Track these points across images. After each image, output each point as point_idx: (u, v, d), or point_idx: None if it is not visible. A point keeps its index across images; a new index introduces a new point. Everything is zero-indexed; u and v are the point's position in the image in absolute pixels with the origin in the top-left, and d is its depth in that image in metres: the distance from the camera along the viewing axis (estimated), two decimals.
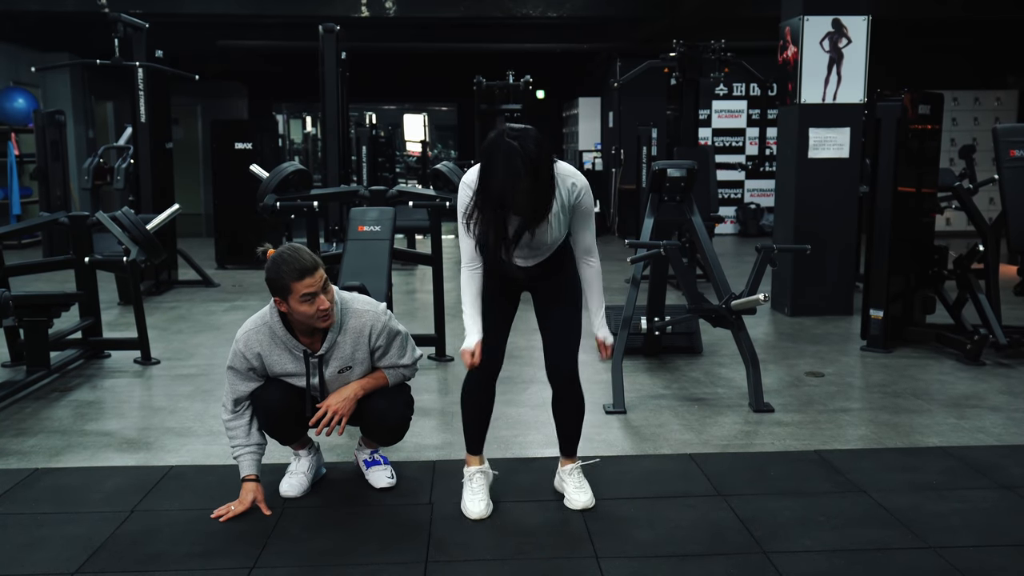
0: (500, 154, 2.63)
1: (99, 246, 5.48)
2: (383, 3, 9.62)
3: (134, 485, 3.30)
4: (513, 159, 2.60)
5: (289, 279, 2.81)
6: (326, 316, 2.90)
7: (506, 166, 2.61)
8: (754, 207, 12.47)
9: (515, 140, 2.63)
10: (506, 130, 2.67)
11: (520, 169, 2.60)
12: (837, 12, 6.29)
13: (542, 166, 2.66)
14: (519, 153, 2.60)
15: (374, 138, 12.56)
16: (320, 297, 2.85)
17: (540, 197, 2.70)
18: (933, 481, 3.34)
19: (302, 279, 2.81)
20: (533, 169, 2.62)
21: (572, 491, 3.09)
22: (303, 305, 2.84)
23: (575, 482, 3.11)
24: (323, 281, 2.86)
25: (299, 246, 2.95)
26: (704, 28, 9.76)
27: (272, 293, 2.89)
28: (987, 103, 11.97)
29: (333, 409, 3.01)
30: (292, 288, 2.82)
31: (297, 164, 5.60)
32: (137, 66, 7.87)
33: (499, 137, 2.66)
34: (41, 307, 4.63)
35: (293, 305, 2.85)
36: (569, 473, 3.12)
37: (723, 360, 5.17)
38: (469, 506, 3.02)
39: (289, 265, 2.82)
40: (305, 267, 2.82)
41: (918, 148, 5.40)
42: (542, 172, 2.66)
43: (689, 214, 4.73)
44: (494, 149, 2.65)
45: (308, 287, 2.82)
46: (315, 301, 2.85)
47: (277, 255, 2.88)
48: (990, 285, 5.44)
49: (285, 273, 2.82)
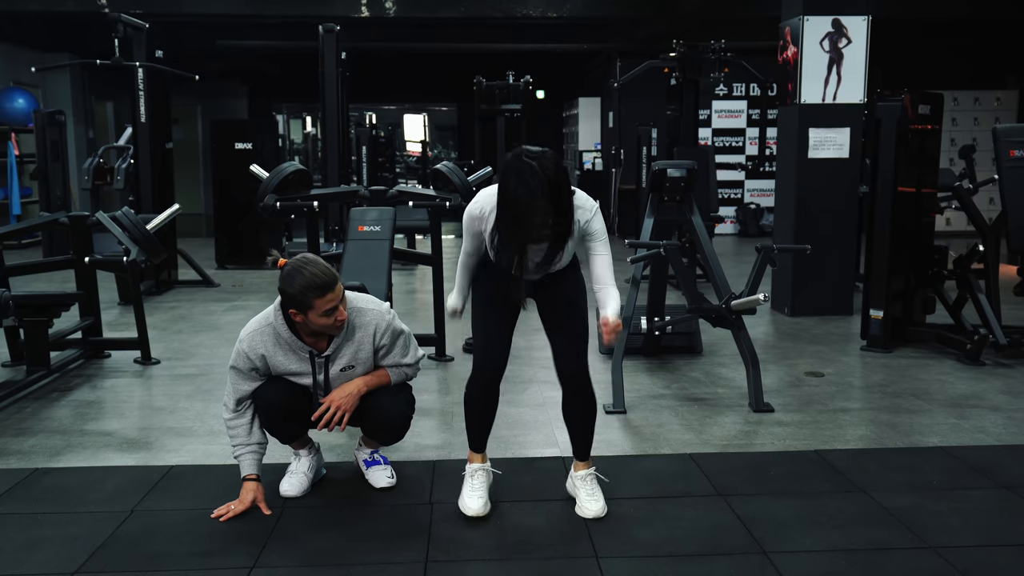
0: (518, 174, 2.62)
1: (99, 246, 5.47)
2: (383, 3, 9.62)
3: (134, 485, 3.30)
4: (531, 179, 2.60)
5: (312, 297, 2.82)
6: (343, 325, 2.94)
7: (524, 186, 2.61)
8: (754, 207, 12.47)
9: (533, 160, 2.63)
10: (524, 151, 2.67)
11: (537, 189, 2.60)
12: (837, 12, 6.29)
13: (562, 187, 2.66)
14: (537, 173, 2.60)
15: (374, 138, 12.57)
16: (340, 308, 2.88)
17: (560, 222, 2.70)
18: (933, 481, 3.34)
19: (324, 295, 2.83)
20: (552, 190, 2.62)
21: (584, 498, 3.06)
22: (323, 319, 2.86)
23: (588, 489, 3.07)
24: (342, 293, 2.89)
25: (315, 258, 2.92)
26: (704, 28, 9.76)
27: (287, 304, 2.89)
28: (987, 103, 11.97)
29: (336, 404, 3.02)
30: (314, 304, 2.83)
31: (297, 164, 5.60)
32: (137, 66, 7.87)
33: (516, 158, 2.66)
34: (41, 307, 4.63)
35: (312, 318, 2.86)
36: (583, 479, 3.09)
37: (723, 360, 5.17)
38: (467, 502, 3.02)
39: (310, 283, 2.81)
40: (327, 283, 2.83)
41: (918, 148, 5.40)
42: (562, 193, 2.66)
43: (689, 214, 4.73)
44: (511, 169, 2.65)
45: (330, 303, 2.84)
46: (334, 313, 2.87)
47: (294, 269, 2.86)
48: (990, 285, 5.44)
49: (307, 291, 2.81)
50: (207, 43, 11.30)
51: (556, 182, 2.63)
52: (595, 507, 3.03)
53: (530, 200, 2.61)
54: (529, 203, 2.62)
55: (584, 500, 3.06)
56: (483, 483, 3.07)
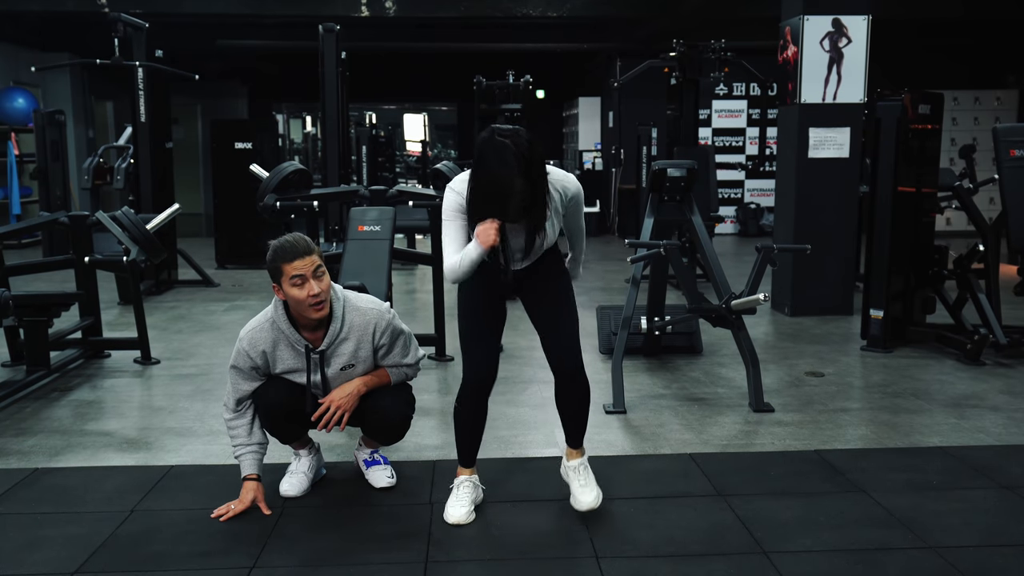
0: (492, 152, 2.63)
1: (99, 246, 5.48)
2: (383, 3, 9.62)
3: (134, 485, 3.30)
4: (505, 156, 2.61)
5: (281, 261, 2.87)
6: (318, 304, 2.91)
7: (498, 163, 2.62)
8: (754, 207, 12.47)
9: (506, 138, 2.63)
10: (496, 129, 2.67)
11: (513, 165, 2.60)
12: (837, 12, 6.29)
13: (534, 164, 2.66)
14: (511, 150, 2.61)
15: (374, 138, 12.56)
16: (310, 282, 2.87)
17: (535, 200, 2.70)
18: (933, 481, 3.34)
19: (292, 261, 2.86)
20: (525, 167, 2.62)
21: (578, 489, 3.04)
22: (293, 289, 2.88)
23: (581, 479, 3.06)
24: (315, 267, 2.89)
25: (299, 234, 3.00)
26: (704, 28, 9.75)
27: (271, 279, 2.94)
28: (987, 103, 11.97)
29: (336, 404, 3.02)
30: (283, 270, 2.87)
31: (297, 164, 5.60)
32: (137, 66, 7.87)
33: (490, 136, 2.66)
34: (41, 307, 4.63)
35: (286, 288, 2.89)
36: (575, 469, 3.08)
37: (723, 360, 5.17)
38: (450, 510, 3.00)
39: (283, 248, 2.89)
40: (297, 250, 2.88)
41: (918, 148, 5.40)
42: (534, 171, 2.66)
43: (689, 214, 4.73)
44: (485, 147, 2.65)
45: (297, 269, 2.86)
46: (305, 286, 2.87)
47: (275, 241, 2.95)
48: (990, 285, 5.44)
49: (279, 256, 2.88)
50: (207, 43, 11.29)
51: (530, 159, 2.64)
52: (588, 498, 3.01)
53: (505, 178, 2.62)
54: (504, 180, 2.62)
55: (577, 491, 3.04)
56: (468, 493, 3.04)
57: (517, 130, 2.68)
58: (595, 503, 3.01)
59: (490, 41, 11.62)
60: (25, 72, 10.50)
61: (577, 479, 3.07)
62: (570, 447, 3.12)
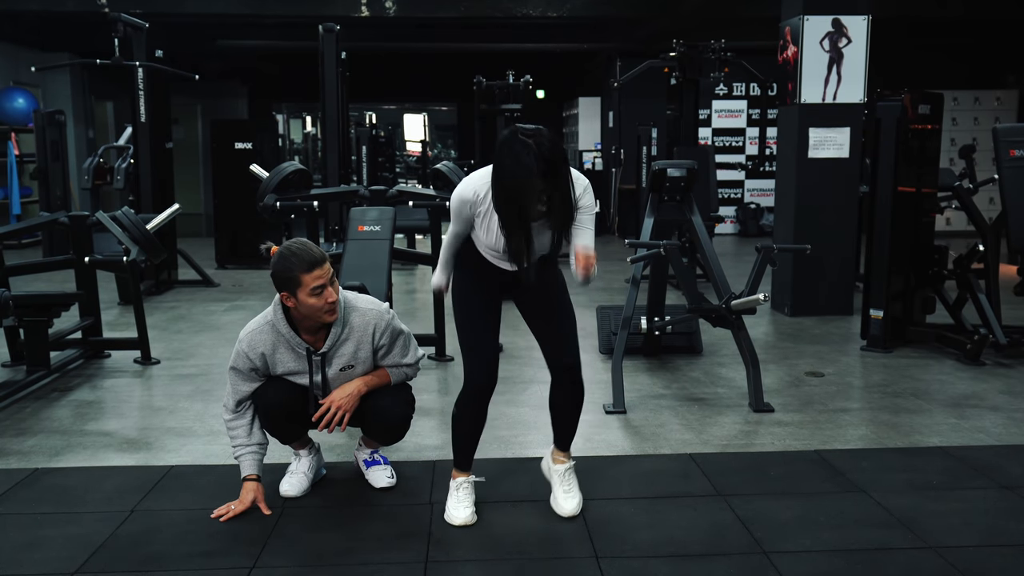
0: (513, 153, 2.56)
1: (99, 246, 5.48)
2: (383, 3, 9.61)
3: (134, 485, 3.30)
4: (527, 156, 2.53)
5: (299, 271, 2.83)
6: (333, 309, 2.92)
7: (519, 164, 2.54)
8: (754, 207, 12.47)
9: (529, 139, 2.55)
10: (518, 129, 2.59)
11: (534, 167, 2.53)
12: (837, 12, 6.29)
13: (559, 166, 2.58)
14: (533, 151, 2.53)
15: (374, 138, 12.56)
16: (328, 289, 2.87)
17: (562, 200, 2.64)
18: (933, 481, 3.34)
19: (311, 271, 2.84)
20: (550, 168, 2.55)
21: (561, 495, 3.04)
22: (312, 298, 2.86)
23: (566, 486, 3.05)
24: (331, 274, 2.89)
25: (305, 240, 2.99)
26: (704, 28, 9.75)
27: (279, 288, 2.90)
28: (987, 103, 11.96)
29: (336, 404, 3.02)
30: (302, 280, 2.84)
31: (297, 164, 5.61)
32: (137, 66, 7.87)
33: (512, 135, 2.59)
34: (41, 307, 4.63)
35: (302, 298, 2.86)
36: (561, 474, 3.07)
37: (723, 360, 5.17)
38: (453, 512, 2.99)
39: (299, 258, 2.85)
40: (315, 259, 2.85)
41: (918, 148, 5.40)
42: (560, 172, 2.59)
43: (689, 214, 4.73)
44: (506, 148, 2.58)
45: (318, 279, 2.84)
46: (324, 293, 2.86)
47: (284, 249, 2.91)
48: (990, 285, 5.44)
49: (295, 266, 2.84)
50: (207, 43, 11.29)
51: (553, 160, 2.56)
52: (571, 505, 3.01)
53: (527, 179, 2.55)
54: (526, 182, 2.55)
55: (561, 497, 3.03)
56: (468, 494, 3.03)
57: (540, 130, 2.60)
58: (577, 510, 3.01)
59: (490, 41, 11.62)
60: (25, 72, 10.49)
61: (562, 484, 3.06)
62: (559, 450, 3.11)
